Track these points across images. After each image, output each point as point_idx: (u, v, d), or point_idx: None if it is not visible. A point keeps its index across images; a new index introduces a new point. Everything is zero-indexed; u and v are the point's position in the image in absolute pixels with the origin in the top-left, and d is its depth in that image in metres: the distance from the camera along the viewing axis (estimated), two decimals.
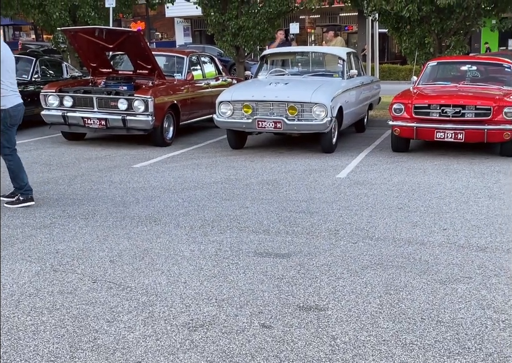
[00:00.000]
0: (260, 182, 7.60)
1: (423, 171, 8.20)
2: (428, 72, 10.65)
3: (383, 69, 26.23)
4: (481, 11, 12.89)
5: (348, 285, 4.28)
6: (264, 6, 15.15)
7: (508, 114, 8.71)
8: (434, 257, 4.85)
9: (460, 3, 11.92)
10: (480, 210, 6.27)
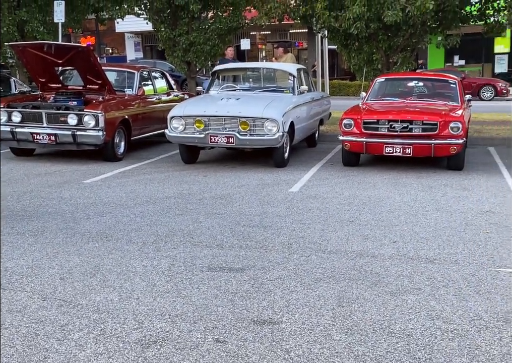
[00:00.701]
0: (213, 197, 7.60)
1: (373, 185, 8.34)
2: (376, 88, 10.87)
3: (333, 85, 26.63)
4: (426, 29, 13.24)
5: (302, 298, 4.31)
6: (215, 22, 15.24)
7: (454, 129, 8.95)
8: (384, 269, 4.93)
9: (406, 21, 12.22)
10: (428, 223, 6.40)
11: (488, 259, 5.20)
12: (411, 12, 11.74)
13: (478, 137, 12.93)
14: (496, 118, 16.43)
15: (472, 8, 13.67)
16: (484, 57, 31.75)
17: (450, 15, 12.95)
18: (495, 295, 4.37)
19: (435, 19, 13.12)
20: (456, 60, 31.32)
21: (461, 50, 26.29)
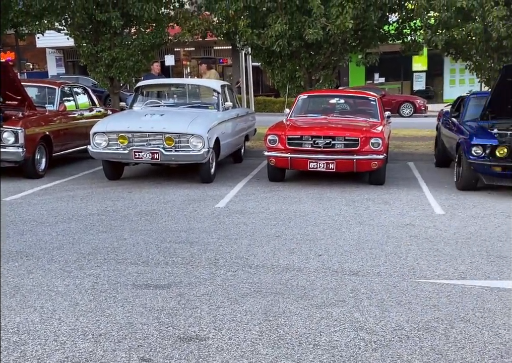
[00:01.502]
0: (138, 213, 7.50)
1: (298, 200, 8.45)
2: (300, 105, 11.05)
3: (258, 101, 26.89)
4: (346, 47, 13.58)
5: (229, 314, 4.30)
6: (138, 38, 15.13)
7: (374, 145, 9.19)
8: (310, 282, 4.99)
9: (327, 39, 12.51)
10: (352, 236, 6.53)
11: (408, 270, 5.34)
12: (331, 31, 12.03)
13: (398, 153, 13.34)
14: (415, 134, 16.99)
15: (390, 27, 14.14)
16: (403, 75, 32.84)
17: (369, 34, 13.34)
18: (416, 306, 4.49)
19: (355, 38, 13.49)
20: (377, 78, 32.25)
21: (381, 67, 27.13)
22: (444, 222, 7.21)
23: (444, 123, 11.55)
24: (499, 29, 11.43)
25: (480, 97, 10.69)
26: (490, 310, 4.41)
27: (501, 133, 8.93)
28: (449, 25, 12.27)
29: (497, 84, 9.40)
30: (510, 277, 5.19)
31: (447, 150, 10.91)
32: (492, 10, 11.35)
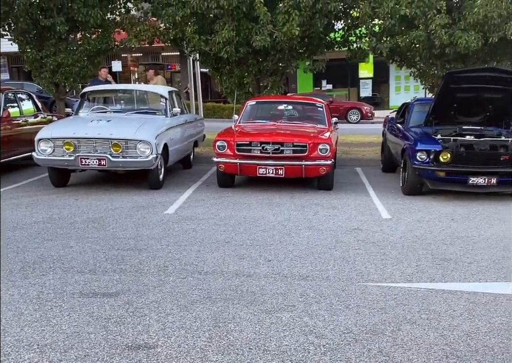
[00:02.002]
0: (85, 221, 7.37)
1: (248, 205, 8.46)
2: (248, 111, 11.08)
3: (207, 107, 26.86)
4: (294, 54, 13.68)
5: (178, 321, 4.26)
6: (83, 44, 14.91)
7: (322, 151, 9.28)
8: (260, 288, 4.99)
9: (274, 46, 12.58)
10: (301, 241, 6.58)
11: (356, 274, 5.41)
12: (278, 38, 12.11)
13: (346, 158, 13.51)
14: (362, 140, 17.24)
15: (336, 34, 14.34)
16: (350, 82, 33.33)
17: (316, 41, 13.49)
18: (364, 309, 4.55)
19: (302, 45, 13.61)
20: (324, 85, 32.62)
21: (329, 74, 27.45)
22: (391, 226, 7.34)
23: (390, 129, 11.76)
24: (442, 37, 11.73)
25: (424, 103, 10.93)
26: (435, 312, 4.50)
27: (445, 139, 9.14)
28: (393, 33, 12.52)
29: (440, 91, 9.63)
30: (454, 279, 5.31)
31: (393, 156, 11.11)
32: (435, 18, 11.64)
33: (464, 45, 11.63)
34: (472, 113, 10.02)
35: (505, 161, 8.77)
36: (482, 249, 6.27)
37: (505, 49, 12.81)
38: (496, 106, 9.84)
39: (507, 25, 11.44)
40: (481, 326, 4.24)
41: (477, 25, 11.69)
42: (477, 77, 9.41)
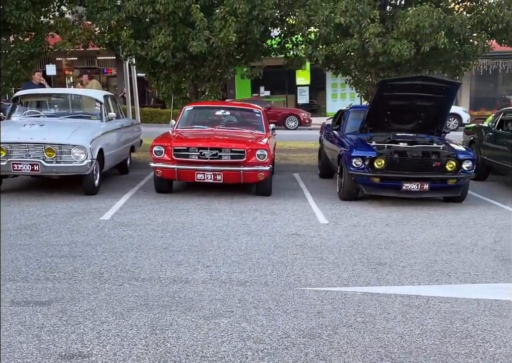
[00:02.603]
0: (17, 227, 7.16)
1: (186, 211, 8.40)
2: (186, 116, 11.02)
3: (144, 112, 26.57)
4: (231, 60, 13.70)
5: (114, 329, 4.19)
6: (16, 47, 14.52)
7: (260, 156, 9.32)
8: (198, 294, 4.96)
9: (211, 52, 12.57)
10: (240, 246, 6.57)
11: (294, 279, 5.45)
12: (215, 44, 12.11)
13: (284, 164, 13.61)
14: (300, 146, 17.41)
15: (272, 41, 14.46)
16: (288, 89, 33.62)
17: (253, 47, 13.55)
18: (301, 313, 4.58)
19: (239, 51, 13.65)
20: (262, 91, 32.79)
21: (267, 81, 27.62)
22: (328, 231, 7.43)
23: (326, 135, 11.93)
24: (375, 46, 11.98)
25: (359, 111, 11.14)
26: (371, 315, 4.57)
27: (379, 145, 9.34)
28: (328, 41, 12.71)
29: (374, 99, 9.84)
30: (389, 283, 5.41)
31: (330, 162, 11.27)
32: (368, 27, 11.89)
33: (397, 54, 11.91)
34: (405, 121, 10.28)
35: (436, 167, 9.02)
36: (415, 253, 6.42)
37: (437, 58, 13.20)
38: (428, 113, 10.12)
39: (438, 35, 11.79)
40: (414, 329, 4.34)
41: (410, 35, 12.00)
42: (410, 85, 9.67)
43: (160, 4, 11.68)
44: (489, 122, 12.38)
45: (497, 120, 11.87)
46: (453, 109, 26.83)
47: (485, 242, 6.94)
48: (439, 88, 9.72)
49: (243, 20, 12.09)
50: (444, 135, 10.62)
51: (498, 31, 12.82)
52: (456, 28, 12.09)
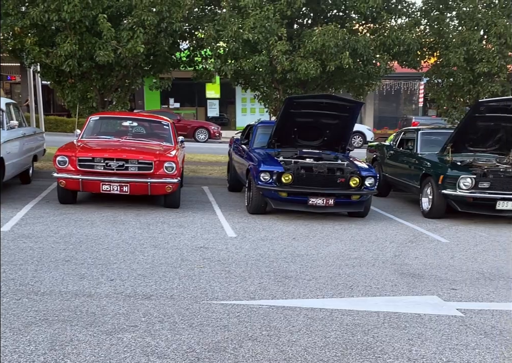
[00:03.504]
0: None
1: (91, 223, 8.20)
2: (92, 126, 10.79)
3: (49, 121, 25.79)
4: (139, 71, 13.53)
5: (11, 345, 4.01)
6: None
7: (168, 168, 9.25)
8: (101, 308, 4.84)
9: (119, 62, 12.39)
10: (146, 260, 6.48)
11: (201, 292, 5.42)
12: (123, 54, 11.95)
13: (194, 177, 13.57)
14: (209, 159, 17.42)
15: (182, 54, 14.44)
16: (198, 101, 33.60)
17: (161, 59, 13.46)
18: (207, 327, 4.56)
19: (147, 62, 13.52)
20: (172, 103, 32.62)
21: (176, 93, 27.56)
22: (236, 244, 7.45)
23: (235, 149, 12.00)
24: (283, 63, 12.21)
25: (267, 126, 11.29)
26: (276, 328, 4.61)
27: (286, 161, 9.50)
28: (237, 56, 12.84)
29: (281, 115, 10.01)
30: (294, 296, 5.49)
31: (239, 176, 11.34)
32: (276, 44, 12.11)
33: (304, 72, 12.18)
34: (311, 137, 10.52)
35: (341, 183, 9.26)
36: (320, 267, 6.55)
37: (342, 77, 13.62)
38: (332, 131, 10.39)
39: (343, 55, 12.16)
40: (318, 341, 4.41)
41: (316, 54, 12.32)
42: (315, 103, 9.90)
43: (66, 12, 11.41)
44: (391, 141, 12.88)
45: (397, 139, 12.36)
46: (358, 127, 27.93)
47: (385, 256, 7.17)
48: (343, 107, 10.00)
49: (151, 32, 12.03)
50: (349, 152, 10.94)
51: (399, 53, 13.39)
52: (360, 49, 12.52)
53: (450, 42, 13.63)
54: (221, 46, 13.20)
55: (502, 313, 5.22)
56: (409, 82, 33.11)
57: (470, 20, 13.64)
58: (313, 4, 13.21)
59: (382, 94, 33.60)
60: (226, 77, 13.76)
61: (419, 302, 5.48)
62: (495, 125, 10.22)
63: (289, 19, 12.80)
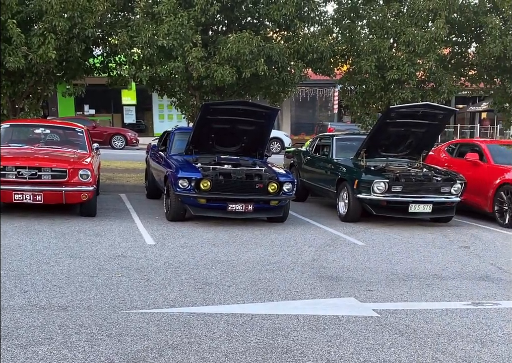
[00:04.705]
0: None
1: (3, 233, 7.88)
2: (2, 134, 10.40)
3: None
4: (51, 77, 13.16)
5: None
6: None
7: (83, 176, 9.05)
8: (14, 321, 4.67)
9: (30, 68, 12.01)
10: (61, 270, 6.30)
11: (119, 302, 5.33)
12: (34, 60, 11.59)
13: (110, 184, 13.34)
14: (127, 166, 17.19)
15: (95, 60, 14.19)
16: (114, 108, 33.05)
17: (74, 65, 13.12)
18: (126, 337, 4.48)
19: (59, 69, 13.16)
20: (87, 109, 31.94)
21: (91, 99, 27.01)
22: (155, 252, 7.37)
23: (153, 156, 11.89)
24: (199, 69, 12.21)
25: (184, 132, 11.23)
26: (197, 336, 4.59)
27: (204, 167, 9.49)
28: (152, 62, 12.75)
29: (198, 121, 9.98)
30: (215, 302, 5.48)
31: (157, 183, 11.23)
32: (191, 51, 12.10)
33: (220, 78, 12.22)
34: (229, 143, 10.55)
35: (259, 189, 9.34)
36: (240, 272, 6.57)
37: (258, 84, 13.75)
38: (250, 137, 10.47)
39: (258, 62, 12.29)
40: (238, 346, 4.42)
41: (231, 60, 12.39)
42: (232, 109, 9.94)
43: None
44: (307, 147, 13.10)
45: (313, 144, 12.60)
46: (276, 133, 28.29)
47: (304, 260, 7.28)
48: (260, 114, 10.10)
49: (63, 37, 11.75)
50: (266, 158, 11.05)
51: (313, 60, 13.64)
52: (274, 56, 12.68)
53: (362, 50, 14.03)
54: (135, 52, 13.07)
55: (415, 313, 5.40)
56: (324, 89, 33.81)
57: (380, 28, 14.10)
58: (227, 11, 13.28)
59: (298, 101, 34.15)
60: (141, 84, 13.61)
61: (337, 304, 5.60)
62: (405, 130, 10.57)
63: (203, 26, 12.82)
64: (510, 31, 14.25)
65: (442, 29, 13.38)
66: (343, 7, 15.24)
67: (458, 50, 16.02)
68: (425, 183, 9.85)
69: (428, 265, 7.24)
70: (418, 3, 13.81)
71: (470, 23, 15.10)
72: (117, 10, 13.46)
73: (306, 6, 13.39)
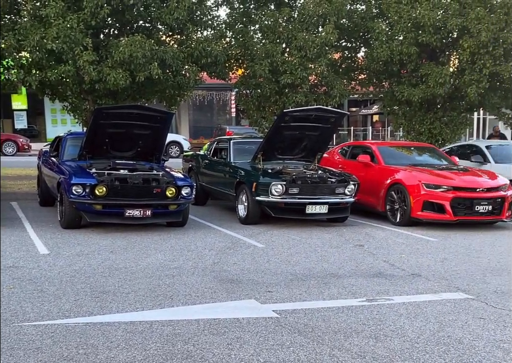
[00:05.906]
0: None
1: None
2: None
3: None
4: None
5: None
6: None
7: None
8: None
9: None
10: None
11: (11, 315, 5.10)
12: None
13: (2, 193, 12.76)
14: (19, 173, 16.57)
15: None
16: (3, 113, 31.68)
17: None
18: (18, 351, 4.30)
19: None
20: None
21: None
22: (49, 261, 7.12)
23: (45, 162, 11.50)
24: (90, 73, 11.97)
25: (77, 137, 10.93)
26: (93, 346, 4.46)
27: (99, 172, 9.27)
28: (42, 66, 12.39)
29: (91, 126, 9.75)
30: (112, 311, 5.36)
31: (50, 190, 10.87)
32: (82, 55, 11.84)
33: (113, 82, 12.03)
34: (124, 148, 10.36)
35: (157, 194, 9.24)
36: (140, 279, 6.47)
37: (152, 87, 13.64)
38: (145, 141, 10.32)
39: (151, 66, 12.18)
40: (137, 355, 4.34)
41: (124, 64, 12.22)
42: (126, 114, 9.78)
43: None
44: (205, 150, 13.10)
45: (211, 148, 12.62)
46: (174, 137, 28.14)
47: (205, 264, 7.27)
48: (154, 118, 9.98)
49: None
50: (164, 162, 10.94)
51: (208, 64, 13.68)
52: (168, 60, 12.63)
53: (255, 54, 14.24)
54: (24, 56, 12.63)
55: (313, 311, 5.51)
56: (221, 93, 33.98)
57: (272, 33, 14.36)
58: (119, 15, 13.09)
59: (196, 104, 34.12)
60: (31, 88, 13.16)
61: (238, 307, 5.62)
62: (300, 134, 10.79)
63: (94, 29, 12.58)
64: (396, 36, 14.89)
65: (331, 34, 13.79)
66: (235, 11, 15.42)
67: (348, 54, 16.60)
68: (320, 184, 10.09)
69: (325, 265, 7.41)
70: (308, 9, 14.17)
71: (359, 29, 15.69)
72: (3, 13, 12.95)
73: (198, 10, 13.43)
